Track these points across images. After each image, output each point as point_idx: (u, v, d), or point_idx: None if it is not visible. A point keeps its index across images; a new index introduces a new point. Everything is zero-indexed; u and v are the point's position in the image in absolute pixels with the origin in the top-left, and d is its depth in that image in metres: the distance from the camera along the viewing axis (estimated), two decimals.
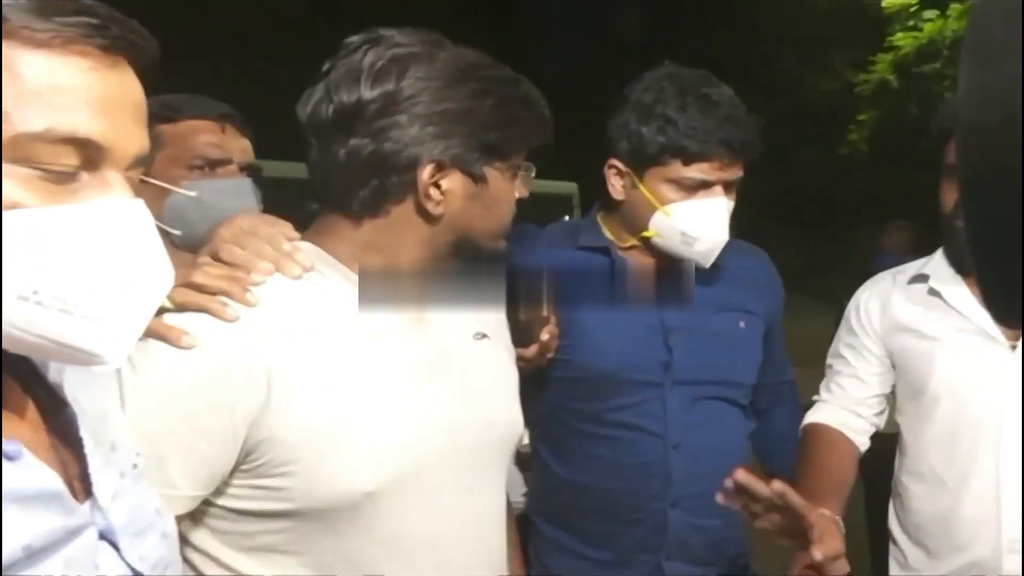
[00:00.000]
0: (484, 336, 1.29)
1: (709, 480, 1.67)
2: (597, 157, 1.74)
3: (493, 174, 1.16)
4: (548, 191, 6.34)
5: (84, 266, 0.68)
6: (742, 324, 1.76)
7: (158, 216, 1.52)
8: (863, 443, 1.84)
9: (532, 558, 1.77)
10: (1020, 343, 1.69)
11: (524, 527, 1.77)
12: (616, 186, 1.70)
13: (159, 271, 0.73)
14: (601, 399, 1.69)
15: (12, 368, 0.75)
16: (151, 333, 1.01)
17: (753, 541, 1.78)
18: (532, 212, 1.53)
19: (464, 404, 1.20)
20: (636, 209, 1.68)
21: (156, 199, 1.42)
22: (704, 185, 1.62)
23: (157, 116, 1.47)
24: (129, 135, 0.71)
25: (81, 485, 0.76)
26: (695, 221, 1.63)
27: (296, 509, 1.06)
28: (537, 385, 1.68)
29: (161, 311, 1.01)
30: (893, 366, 1.83)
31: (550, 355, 1.60)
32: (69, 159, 0.67)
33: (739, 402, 1.77)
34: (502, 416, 1.27)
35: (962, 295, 1.75)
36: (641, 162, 1.65)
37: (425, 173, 1.11)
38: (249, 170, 1.65)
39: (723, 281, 1.75)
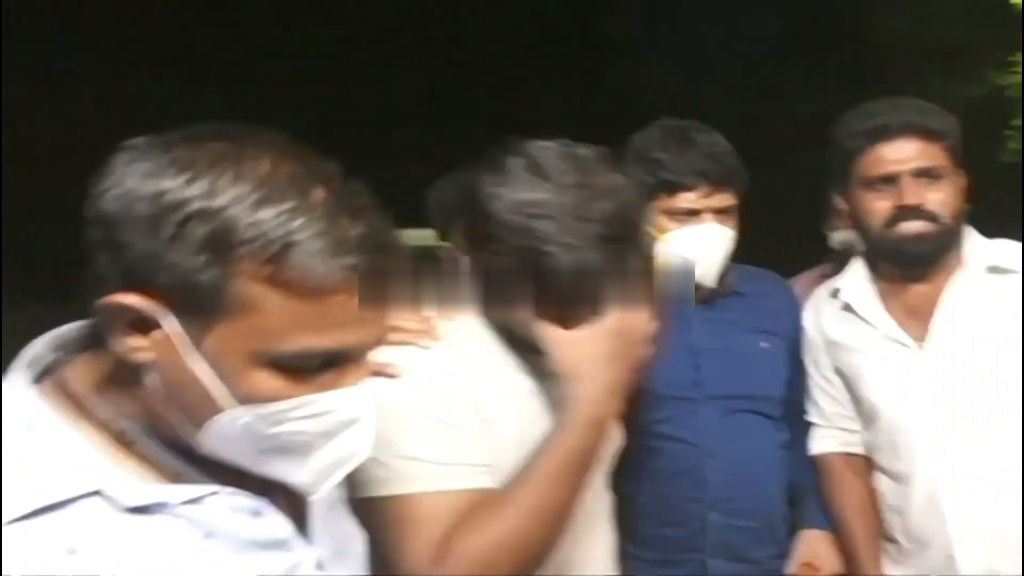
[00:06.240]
0: None
1: (743, 485, 1.86)
2: None
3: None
4: None
5: (310, 436, 0.87)
6: (764, 344, 1.94)
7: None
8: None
9: None
10: (929, 344, 1.79)
11: None
12: None
13: (362, 441, 0.92)
14: (646, 413, 1.88)
15: None
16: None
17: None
18: None
19: None
20: None
21: None
22: (692, 213, 1.83)
23: None
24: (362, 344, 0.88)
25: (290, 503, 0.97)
26: (687, 246, 1.82)
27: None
28: None
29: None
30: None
31: None
32: (315, 362, 0.85)
33: (770, 414, 1.93)
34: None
35: (869, 305, 1.85)
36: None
37: None
38: None
39: (745, 306, 1.95)
